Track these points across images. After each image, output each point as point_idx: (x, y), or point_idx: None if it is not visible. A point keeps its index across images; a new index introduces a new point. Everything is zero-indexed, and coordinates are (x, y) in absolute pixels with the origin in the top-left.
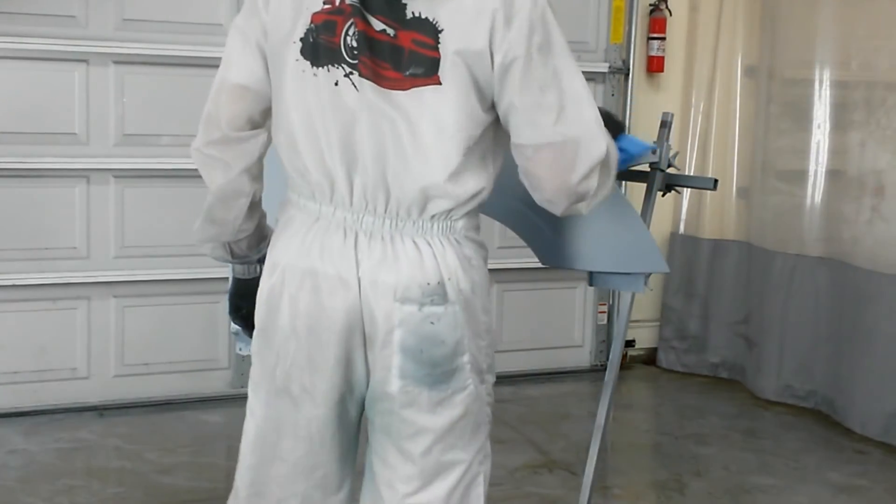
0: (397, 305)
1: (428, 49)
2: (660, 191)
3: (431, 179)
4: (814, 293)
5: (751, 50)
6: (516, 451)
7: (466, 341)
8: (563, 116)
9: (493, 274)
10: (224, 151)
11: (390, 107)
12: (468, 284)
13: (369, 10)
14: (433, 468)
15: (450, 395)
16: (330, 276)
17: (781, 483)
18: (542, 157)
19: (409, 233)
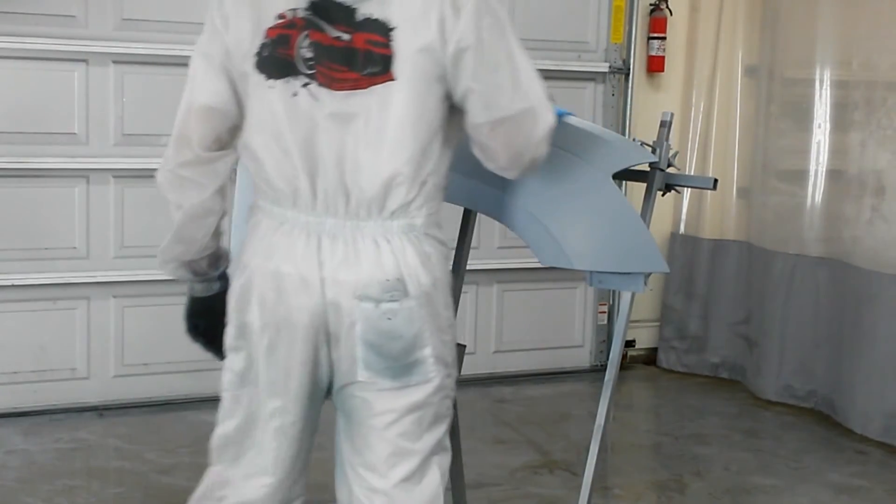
0: (356, 303)
1: (381, 47)
2: (659, 190)
3: (391, 172)
4: (814, 293)
5: (751, 50)
6: (516, 451)
7: (427, 335)
8: (517, 92)
9: (493, 274)
10: (197, 172)
11: (350, 108)
12: (428, 280)
13: (322, 18)
14: (387, 453)
15: (413, 386)
16: (294, 277)
17: (781, 483)
18: (500, 131)
19: (369, 232)
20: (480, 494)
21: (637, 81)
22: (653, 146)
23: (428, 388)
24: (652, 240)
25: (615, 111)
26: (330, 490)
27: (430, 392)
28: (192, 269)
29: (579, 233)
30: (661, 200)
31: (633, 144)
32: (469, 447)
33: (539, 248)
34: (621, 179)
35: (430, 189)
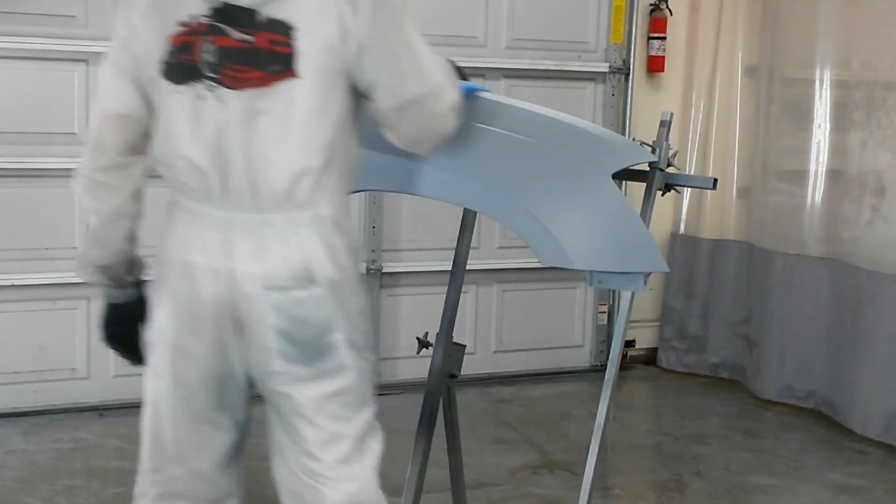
0: (266, 293)
1: (283, 46)
2: (659, 190)
3: (298, 166)
4: (814, 293)
5: (751, 50)
6: (516, 451)
7: (336, 321)
8: (419, 77)
9: (493, 274)
10: (112, 176)
11: (256, 106)
12: (334, 270)
13: (224, 23)
14: (319, 439)
15: (330, 371)
16: (205, 268)
17: (781, 483)
18: (407, 114)
19: (278, 225)
20: (480, 494)
21: (637, 81)
22: (653, 146)
23: (345, 373)
24: (652, 239)
25: (615, 111)
26: None
27: (349, 376)
28: (108, 275)
29: (579, 233)
30: (660, 200)
31: (633, 144)
32: (469, 447)
33: (539, 248)
34: (621, 179)
35: (336, 181)
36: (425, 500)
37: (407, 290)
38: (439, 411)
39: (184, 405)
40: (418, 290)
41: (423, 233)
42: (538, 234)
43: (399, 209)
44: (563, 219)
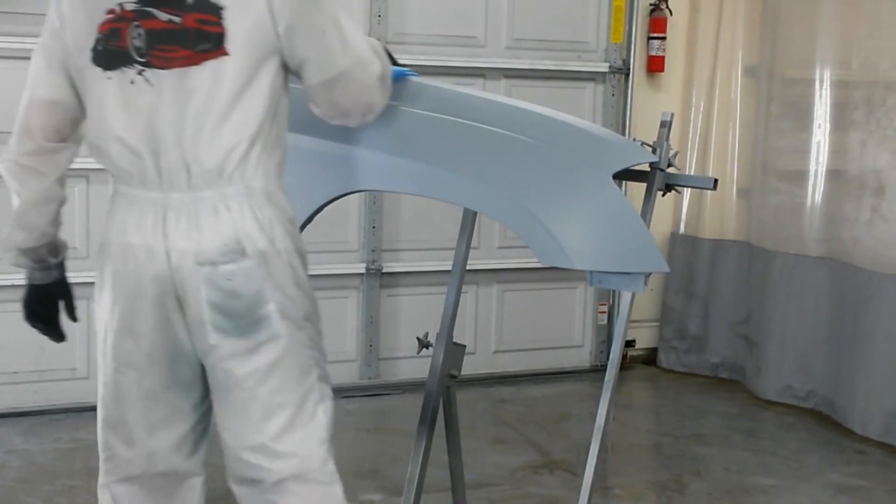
0: (198, 268)
1: (212, 25)
2: (659, 190)
3: (227, 142)
4: (814, 293)
5: (751, 50)
6: (516, 451)
7: (268, 293)
8: (345, 50)
9: (493, 274)
10: (38, 161)
11: (186, 84)
12: (266, 242)
13: (152, 6)
14: (261, 411)
15: (264, 342)
16: (142, 248)
17: (781, 483)
18: (337, 87)
19: (209, 201)
20: (480, 494)
21: (637, 81)
22: (653, 146)
23: (280, 342)
24: (652, 239)
25: (615, 111)
26: None
27: (284, 346)
28: (31, 257)
29: (579, 233)
30: (661, 200)
31: (633, 144)
32: (469, 447)
33: (539, 248)
34: (621, 179)
35: (267, 155)
36: (425, 500)
37: (407, 290)
38: (439, 411)
39: (135, 387)
40: (418, 290)
41: (423, 233)
42: (538, 234)
43: (399, 209)
44: (563, 219)
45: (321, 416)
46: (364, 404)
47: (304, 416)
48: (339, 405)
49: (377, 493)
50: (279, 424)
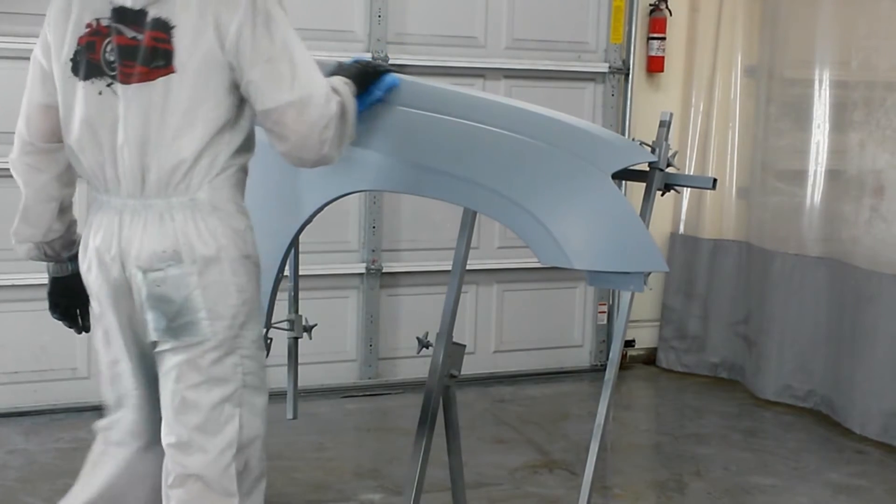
0: (139, 272)
1: (164, 43)
2: (659, 190)
3: (176, 154)
4: (813, 293)
5: (751, 50)
6: (516, 451)
7: (199, 300)
8: (296, 81)
9: (493, 274)
10: (37, 160)
11: (142, 99)
12: (205, 251)
13: (122, 23)
14: (179, 407)
15: (192, 345)
16: (104, 252)
17: (781, 483)
18: (286, 117)
19: (157, 209)
20: (480, 494)
21: (637, 81)
22: (652, 146)
23: (206, 346)
24: (651, 239)
25: (615, 111)
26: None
27: (208, 349)
28: (44, 252)
29: (579, 233)
30: (660, 200)
31: (633, 144)
32: (469, 447)
33: (539, 247)
34: (621, 179)
35: (217, 171)
36: (425, 500)
37: (407, 290)
38: (439, 411)
39: (114, 371)
40: (418, 290)
41: (423, 233)
42: (538, 234)
43: (399, 209)
44: (562, 219)
45: (234, 423)
46: (364, 404)
47: (216, 420)
48: (339, 405)
49: (377, 493)
50: (192, 423)
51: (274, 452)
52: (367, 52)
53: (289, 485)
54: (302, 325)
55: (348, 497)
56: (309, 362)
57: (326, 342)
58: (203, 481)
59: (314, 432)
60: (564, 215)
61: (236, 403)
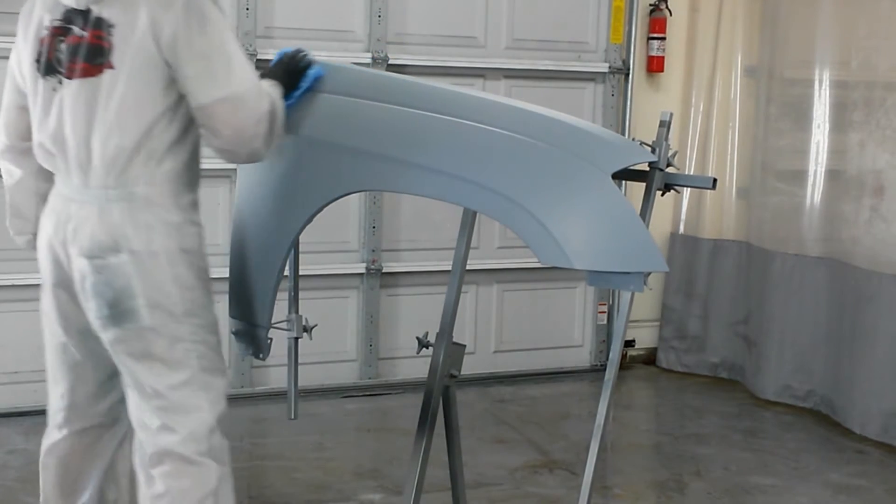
0: (82, 260)
1: (104, 41)
2: (659, 190)
3: (114, 148)
4: (813, 293)
5: (751, 50)
6: (516, 451)
7: (138, 288)
8: (229, 78)
9: (493, 274)
10: (14, 157)
11: (85, 94)
12: (140, 244)
13: (72, 23)
14: (140, 393)
15: (135, 332)
16: (53, 239)
17: (781, 483)
18: (219, 112)
19: (97, 200)
20: (480, 494)
21: (637, 81)
22: (652, 146)
23: (151, 334)
24: (651, 239)
25: (615, 111)
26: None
27: (156, 337)
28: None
29: (579, 233)
30: (660, 200)
31: (633, 144)
32: (469, 447)
33: (539, 247)
34: (621, 179)
35: (154, 165)
36: (425, 500)
37: (407, 290)
38: (439, 411)
39: (61, 354)
40: (418, 290)
41: (423, 233)
42: (538, 234)
43: (399, 209)
44: (562, 219)
45: (200, 405)
46: (364, 404)
47: (182, 403)
48: (339, 405)
49: (377, 493)
50: (154, 406)
51: (274, 452)
52: (367, 52)
53: (289, 485)
54: (302, 325)
55: (348, 497)
56: (309, 362)
57: (326, 342)
58: (181, 457)
59: (314, 432)
60: (564, 215)
61: (198, 387)
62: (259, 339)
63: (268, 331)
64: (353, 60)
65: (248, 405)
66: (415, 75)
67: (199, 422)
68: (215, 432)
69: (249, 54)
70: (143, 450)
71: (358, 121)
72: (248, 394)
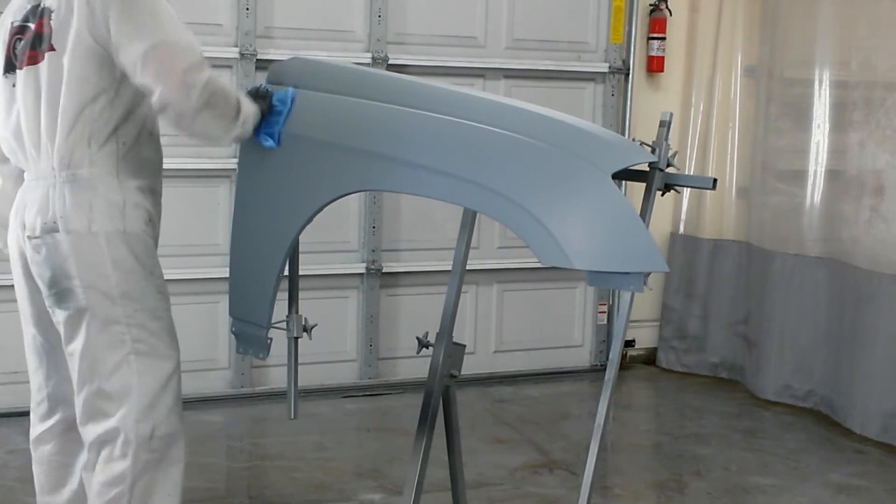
0: (27, 240)
1: (47, 27)
2: (659, 190)
3: (58, 131)
4: (813, 293)
5: (751, 50)
6: (516, 451)
7: (73, 269)
8: (154, 28)
9: (493, 274)
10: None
11: (32, 80)
12: (80, 224)
13: (27, 20)
14: (77, 376)
15: (73, 313)
16: (14, 221)
17: (781, 483)
18: (149, 63)
19: (45, 184)
20: (480, 494)
21: (637, 81)
22: (652, 146)
23: (87, 315)
24: (651, 239)
25: (615, 111)
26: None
27: (91, 319)
28: None
29: (579, 232)
30: (660, 200)
31: (633, 144)
32: (469, 447)
33: (539, 248)
34: (621, 179)
35: (97, 147)
36: (425, 500)
37: (407, 290)
38: (439, 411)
39: (32, 342)
40: (418, 290)
41: (423, 233)
42: (538, 234)
43: (399, 209)
44: (562, 219)
45: (131, 391)
46: (364, 404)
47: (110, 388)
48: (339, 405)
49: (377, 493)
50: (90, 391)
51: (274, 452)
52: (367, 52)
53: (289, 485)
54: (302, 325)
55: (348, 497)
56: (309, 362)
57: (326, 342)
58: (112, 444)
59: (314, 432)
60: (564, 215)
61: (132, 371)
62: (259, 339)
63: (268, 331)
64: (353, 60)
65: (248, 405)
66: (415, 75)
67: (129, 409)
68: (146, 421)
69: (250, 54)
70: (84, 437)
71: (358, 120)
72: (248, 394)
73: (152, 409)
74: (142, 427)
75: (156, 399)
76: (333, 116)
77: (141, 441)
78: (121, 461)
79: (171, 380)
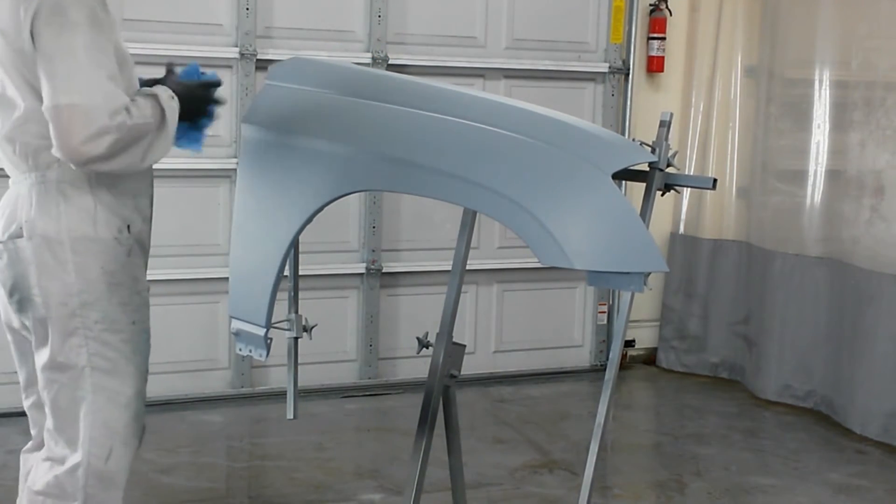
0: None
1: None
2: (659, 190)
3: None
4: (813, 293)
5: (751, 50)
6: (516, 451)
7: (34, 277)
8: (68, 85)
9: (493, 274)
10: None
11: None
12: (46, 229)
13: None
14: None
15: (34, 322)
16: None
17: (781, 483)
18: (52, 120)
19: (16, 187)
20: (480, 494)
21: (637, 81)
22: (652, 146)
23: (46, 325)
24: (651, 239)
25: (615, 111)
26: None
27: (50, 328)
28: None
29: (579, 232)
30: (660, 200)
31: (633, 144)
32: (469, 447)
33: (539, 248)
34: (621, 179)
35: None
36: (425, 500)
37: (407, 290)
38: (439, 411)
39: (13, 347)
40: (418, 290)
41: (423, 233)
42: (538, 234)
43: (399, 209)
44: (562, 219)
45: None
46: (364, 404)
47: (63, 404)
48: (339, 405)
49: (377, 493)
50: (48, 406)
51: (274, 452)
52: (367, 52)
53: (289, 485)
54: (302, 325)
55: (348, 497)
56: (309, 362)
57: (326, 342)
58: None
59: (314, 432)
60: (564, 215)
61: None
62: (259, 339)
63: (268, 331)
64: (353, 60)
65: (248, 405)
66: (415, 75)
67: (80, 427)
68: (94, 442)
69: (250, 54)
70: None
71: (358, 120)
72: (248, 394)
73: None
74: (79, 452)
75: (101, 422)
76: (333, 116)
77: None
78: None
79: (128, 403)
